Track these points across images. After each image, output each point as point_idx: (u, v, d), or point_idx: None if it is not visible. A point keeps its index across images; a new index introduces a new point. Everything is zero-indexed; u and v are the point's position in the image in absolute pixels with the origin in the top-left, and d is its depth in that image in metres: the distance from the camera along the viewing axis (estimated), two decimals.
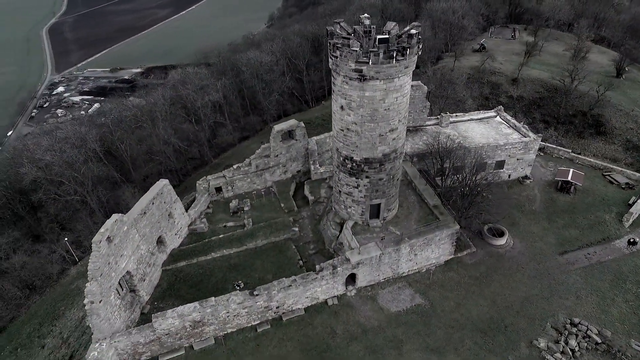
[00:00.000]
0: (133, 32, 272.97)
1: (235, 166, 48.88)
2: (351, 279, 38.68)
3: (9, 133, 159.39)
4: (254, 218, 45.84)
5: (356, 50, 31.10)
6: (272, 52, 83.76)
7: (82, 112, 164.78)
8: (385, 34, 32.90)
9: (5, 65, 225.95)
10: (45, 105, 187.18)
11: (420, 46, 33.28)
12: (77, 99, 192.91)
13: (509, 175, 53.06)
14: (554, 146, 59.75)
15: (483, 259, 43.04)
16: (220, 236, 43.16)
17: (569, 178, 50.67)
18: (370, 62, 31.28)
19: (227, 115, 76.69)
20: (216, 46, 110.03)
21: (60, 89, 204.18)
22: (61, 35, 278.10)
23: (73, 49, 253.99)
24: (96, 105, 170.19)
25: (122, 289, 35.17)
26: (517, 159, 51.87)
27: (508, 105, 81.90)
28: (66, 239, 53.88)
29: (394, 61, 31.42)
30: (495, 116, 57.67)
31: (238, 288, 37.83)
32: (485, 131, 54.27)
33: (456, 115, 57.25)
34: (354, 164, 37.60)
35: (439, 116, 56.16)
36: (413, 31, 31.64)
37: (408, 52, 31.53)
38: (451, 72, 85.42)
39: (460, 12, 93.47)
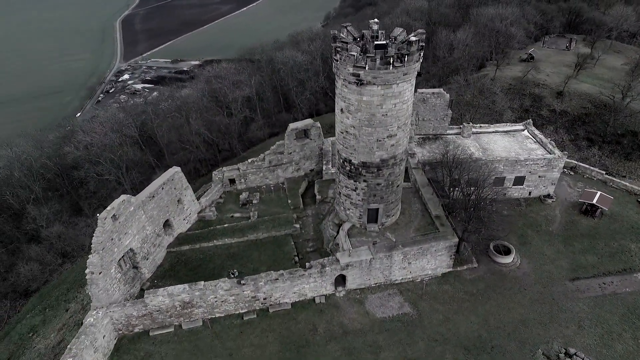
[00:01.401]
0: (196, 25, 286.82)
1: (249, 160, 50.80)
2: (342, 280, 39.14)
3: (78, 114, 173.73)
4: (261, 211, 47.50)
5: (354, 55, 31.53)
6: (309, 51, 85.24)
7: (142, 99, 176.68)
8: (391, 40, 33.10)
9: (82, 52, 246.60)
10: (111, 91, 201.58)
11: (422, 53, 32.98)
12: (139, 86, 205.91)
13: (530, 193, 50.73)
14: (587, 166, 56.09)
15: (483, 276, 41.72)
16: (225, 225, 45.21)
17: (594, 201, 47.57)
18: (367, 67, 31.59)
19: (259, 111, 79.21)
20: (264, 43, 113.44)
21: (126, 76, 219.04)
22: (132, 26, 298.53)
23: (141, 40, 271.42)
24: (155, 93, 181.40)
25: (126, 265, 38.09)
26: (539, 176, 49.46)
27: (550, 119, 77.78)
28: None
29: (391, 67, 31.49)
30: (523, 130, 55.26)
31: (233, 276, 39.52)
32: (508, 145, 52.25)
33: (480, 126, 55.50)
34: (352, 167, 38.00)
35: (461, 126, 54.73)
36: (412, 38, 31.48)
37: (406, 59, 31.47)
38: (491, 81, 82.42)
39: (509, 19, 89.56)
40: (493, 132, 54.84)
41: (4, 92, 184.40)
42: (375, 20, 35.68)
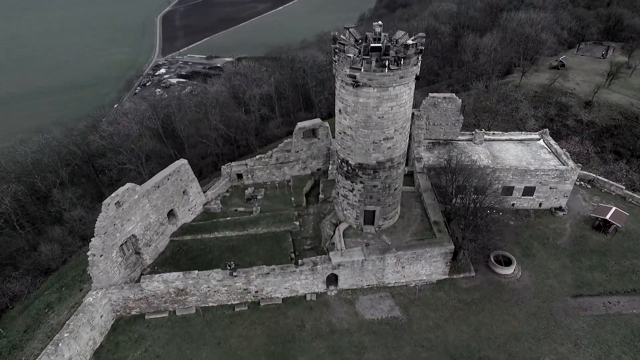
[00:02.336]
0: (232, 23, 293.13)
1: (257, 156, 51.88)
2: (334, 279, 39.47)
3: (115, 105, 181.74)
4: (264, 207, 48.48)
5: (350, 57, 31.84)
6: (329, 51, 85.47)
7: (175, 93, 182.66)
8: (392, 43, 33.12)
9: (123, 46, 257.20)
10: (147, 84, 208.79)
11: (420, 57, 32.84)
12: (174, 80, 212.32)
13: (540, 204, 49.23)
14: (606, 180, 53.75)
15: (480, 286, 40.96)
16: (228, 218, 46.45)
17: (608, 216, 45.66)
18: (362, 69, 31.81)
19: (278, 109, 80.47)
20: (290, 42, 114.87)
21: (162, 70, 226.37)
22: (172, 22, 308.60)
23: (179, 36, 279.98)
24: (188, 88, 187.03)
25: (128, 250, 39.93)
26: (550, 188, 47.91)
27: (575, 130, 74.90)
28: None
29: (387, 70, 31.56)
30: (539, 139, 53.63)
31: (229, 268, 40.57)
32: (520, 153, 50.89)
33: (493, 133, 54.28)
34: (349, 168, 38.25)
35: (473, 132, 53.74)
36: (409, 42, 31.42)
37: (402, 62, 31.45)
38: (516, 88, 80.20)
39: (540, 24, 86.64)
40: (506, 140, 53.53)
41: (48, 83, 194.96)
42: (379, 22, 35.67)
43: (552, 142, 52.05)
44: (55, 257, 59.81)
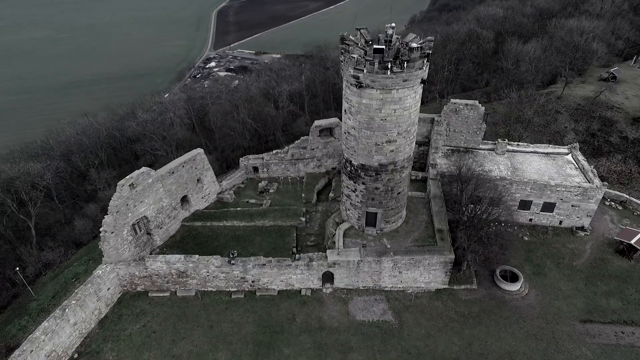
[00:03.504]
0: (283, 20, 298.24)
1: (274, 151, 53.07)
2: (332, 277, 39.78)
3: (166, 95, 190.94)
4: (274, 201, 49.58)
5: (354, 57, 32.02)
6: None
7: (222, 86, 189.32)
8: (403, 45, 32.94)
9: (178, 39, 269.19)
10: (197, 76, 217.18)
11: (426, 61, 32.37)
12: (223, 74, 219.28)
13: (560, 222, 46.83)
14: (639, 202, 50.09)
15: (481, 299, 39.74)
16: (238, 209, 47.96)
17: (634, 241, 42.74)
18: (365, 71, 31.90)
19: (307, 107, 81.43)
20: (329, 41, 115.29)
21: (212, 64, 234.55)
22: (226, 17, 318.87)
23: (231, 31, 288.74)
24: (235, 82, 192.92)
25: (140, 230, 42.38)
26: (572, 205, 45.43)
27: (619, 147, 70.09)
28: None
29: (390, 72, 31.44)
30: (567, 154, 50.86)
31: (232, 256, 42.00)
32: (544, 167, 48.55)
33: (518, 144, 52.11)
34: (352, 168, 38.38)
35: (496, 141, 51.87)
36: (413, 45, 31.11)
37: (406, 65, 31.21)
38: (557, 99, 76.24)
39: (591, 33, 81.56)
40: (531, 152, 51.19)
41: (105, 71, 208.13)
42: (392, 24, 35.50)
43: (581, 157, 49.20)
44: (87, 231, 64.23)
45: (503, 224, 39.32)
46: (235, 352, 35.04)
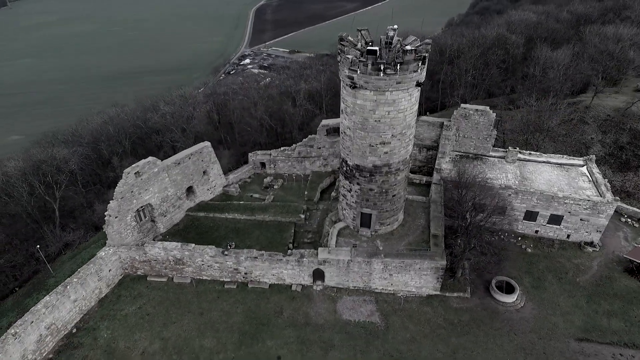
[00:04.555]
0: (319, 20, 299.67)
1: (281, 148, 53.93)
2: (323, 275, 40.14)
3: (200, 90, 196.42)
4: (277, 197, 50.44)
5: (349, 58, 32.26)
6: None
7: (254, 83, 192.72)
8: (402, 47, 32.84)
9: (216, 35, 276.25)
10: (231, 72, 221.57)
11: (421, 64, 32.15)
12: (256, 71, 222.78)
13: (568, 236, 45.11)
14: None
15: (473, 309, 38.96)
16: (241, 202, 49.14)
17: None
18: (358, 72, 32.08)
19: (325, 106, 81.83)
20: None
21: (247, 60, 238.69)
22: (263, 15, 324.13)
23: (268, 29, 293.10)
24: (267, 79, 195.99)
25: (145, 217, 44.30)
26: (581, 219, 43.66)
27: None
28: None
29: (382, 74, 31.48)
30: (582, 165, 48.84)
31: (230, 247, 43.27)
32: (554, 178, 46.89)
33: (530, 153, 50.50)
34: (348, 168, 38.61)
35: (507, 149, 50.50)
36: (408, 47, 31.00)
37: (399, 67, 31.16)
38: (586, 109, 73.08)
39: (628, 41, 77.42)
40: (544, 162, 49.53)
41: (147, 64, 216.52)
42: (394, 26, 35.47)
43: (596, 170, 47.13)
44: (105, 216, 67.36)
45: (506, 234, 38.41)
46: (221, 339, 36.09)
